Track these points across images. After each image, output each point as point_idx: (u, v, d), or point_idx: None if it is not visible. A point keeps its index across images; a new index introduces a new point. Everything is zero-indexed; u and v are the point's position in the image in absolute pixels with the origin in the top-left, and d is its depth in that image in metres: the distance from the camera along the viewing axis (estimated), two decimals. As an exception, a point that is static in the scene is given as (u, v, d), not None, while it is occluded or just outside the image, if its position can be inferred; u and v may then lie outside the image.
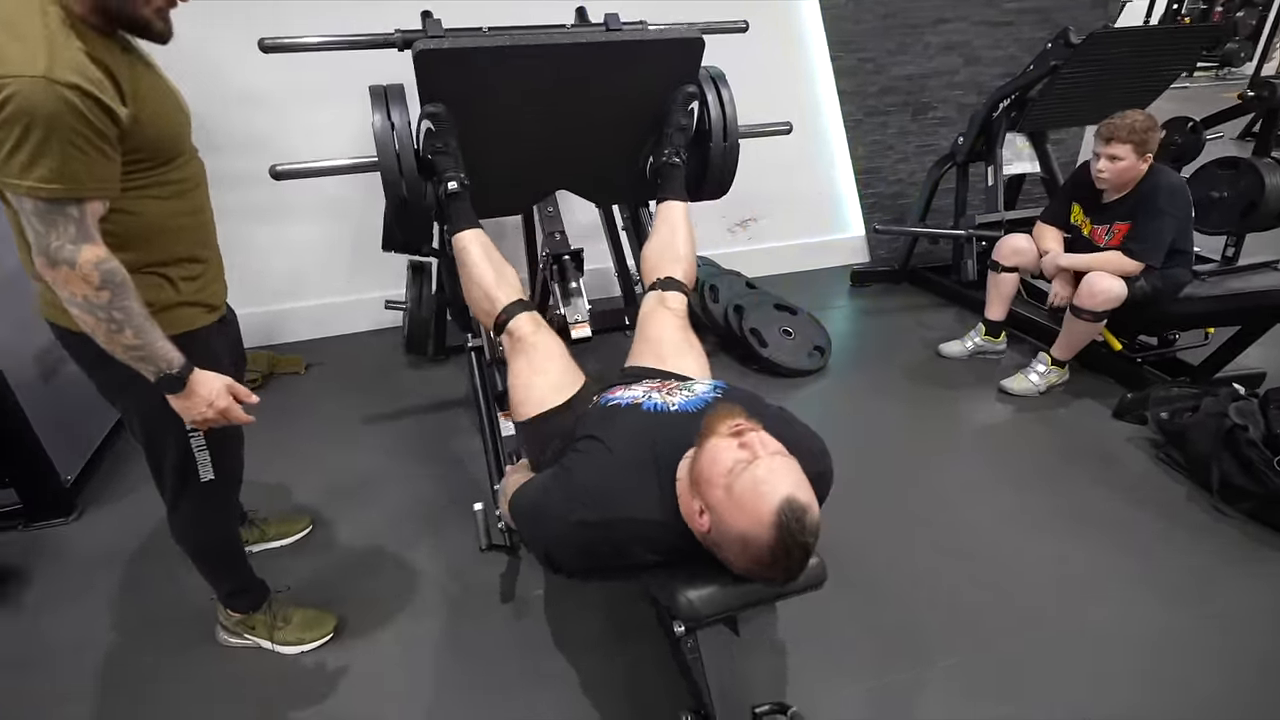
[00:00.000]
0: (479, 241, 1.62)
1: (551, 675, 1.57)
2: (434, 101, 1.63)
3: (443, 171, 1.67)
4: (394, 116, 1.70)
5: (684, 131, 1.84)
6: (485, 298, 1.55)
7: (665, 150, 1.83)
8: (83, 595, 1.79)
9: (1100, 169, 2.31)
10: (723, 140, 1.93)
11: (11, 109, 0.88)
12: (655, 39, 1.69)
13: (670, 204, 1.80)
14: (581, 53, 1.65)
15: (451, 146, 1.67)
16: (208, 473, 1.33)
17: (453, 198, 1.65)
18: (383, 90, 1.76)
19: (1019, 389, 2.56)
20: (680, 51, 1.73)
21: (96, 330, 1.02)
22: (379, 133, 1.69)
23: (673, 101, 1.80)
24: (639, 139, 1.89)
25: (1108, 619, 1.68)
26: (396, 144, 1.69)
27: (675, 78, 1.78)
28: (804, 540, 0.99)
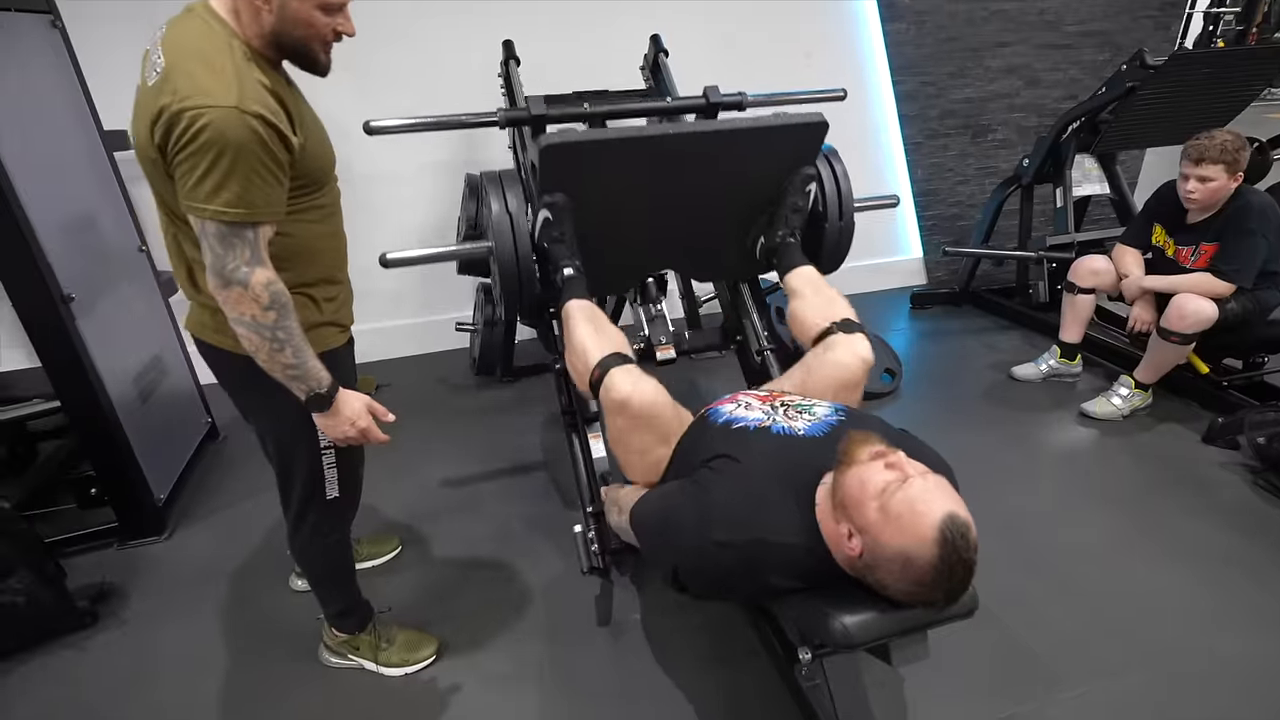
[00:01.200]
0: (584, 310, 1.52)
1: (653, 699, 1.54)
2: (553, 191, 1.58)
3: (558, 260, 1.61)
4: (511, 202, 1.68)
5: (800, 213, 1.76)
6: (582, 359, 1.42)
7: (780, 231, 1.74)
8: (182, 613, 1.80)
9: (1190, 190, 2.28)
10: (838, 220, 1.89)
11: (207, 136, 0.92)
12: (782, 125, 1.62)
13: (800, 270, 1.68)
14: (708, 141, 1.60)
15: (569, 235, 1.62)
16: (334, 490, 1.34)
17: (569, 281, 1.59)
18: (497, 177, 1.74)
19: (1102, 413, 2.51)
20: (803, 136, 1.66)
21: (260, 349, 1.05)
22: (496, 218, 1.67)
23: (790, 183, 1.72)
24: (750, 219, 1.82)
25: (1223, 649, 1.61)
26: (514, 230, 1.66)
27: (795, 159, 1.71)
28: (968, 557, 0.97)
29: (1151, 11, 3.47)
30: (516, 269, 1.68)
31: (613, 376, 1.32)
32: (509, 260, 1.68)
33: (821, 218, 1.87)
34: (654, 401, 1.32)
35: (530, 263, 1.69)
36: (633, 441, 1.36)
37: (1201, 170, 2.23)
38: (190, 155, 0.94)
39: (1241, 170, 2.23)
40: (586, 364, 1.38)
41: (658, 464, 1.37)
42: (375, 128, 1.84)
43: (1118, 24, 3.45)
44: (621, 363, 1.34)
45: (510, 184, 1.72)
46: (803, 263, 1.69)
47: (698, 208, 1.75)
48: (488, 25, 2.70)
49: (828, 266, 1.96)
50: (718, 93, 1.95)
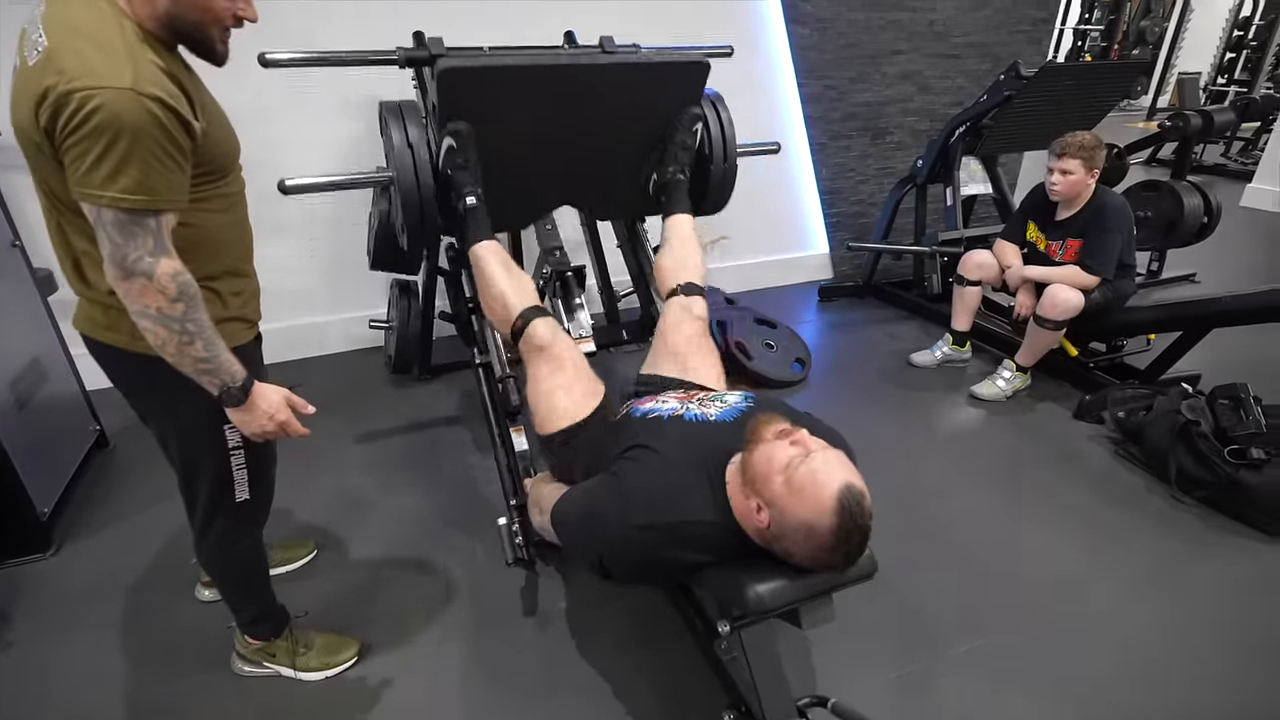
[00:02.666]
0: (496, 252, 1.65)
1: (581, 685, 1.58)
2: (455, 119, 1.65)
3: (461, 187, 1.69)
4: (411, 132, 1.72)
5: (688, 150, 1.92)
6: (502, 305, 1.58)
7: (670, 167, 1.91)
8: (73, 631, 1.69)
9: (1054, 182, 2.53)
10: (723, 160, 2.03)
11: (99, 119, 0.87)
12: (669, 61, 1.78)
13: (679, 217, 1.87)
14: (600, 73, 1.73)
15: (471, 162, 1.70)
16: (244, 492, 1.30)
17: (471, 211, 1.68)
18: (397, 106, 1.77)
19: (987, 394, 2.73)
20: (688, 74, 1.82)
21: (168, 343, 1.01)
22: (397, 147, 1.71)
23: (679, 121, 1.88)
24: (642, 156, 1.96)
25: (1090, 602, 1.81)
26: (415, 158, 1.71)
27: (680, 99, 1.86)
28: (864, 523, 1.06)
29: (1025, 27, 3.79)
30: (419, 196, 1.73)
31: (535, 325, 1.52)
32: (410, 188, 1.72)
33: (708, 160, 2.01)
34: (570, 345, 1.55)
35: (432, 193, 1.74)
36: (550, 382, 1.50)
37: (1063, 164, 2.48)
38: (82, 139, 0.89)
39: (1098, 167, 2.48)
40: (509, 312, 1.56)
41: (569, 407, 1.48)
42: (270, 59, 1.82)
43: (997, 37, 3.74)
44: (541, 314, 1.54)
45: (411, 114, 1.76)
46: (684, 209, 1.88)
47: (594, 142, 1.87)
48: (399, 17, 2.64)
49: (713, 206, 2.14)
50: (613, 43, 2.06)
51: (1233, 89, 8.63)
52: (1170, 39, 9.91)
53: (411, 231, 1.80)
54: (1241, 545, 2.00)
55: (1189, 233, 3.42)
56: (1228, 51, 8.93)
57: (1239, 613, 1.78)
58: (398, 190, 1.76)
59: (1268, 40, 8.46)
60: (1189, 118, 3.57)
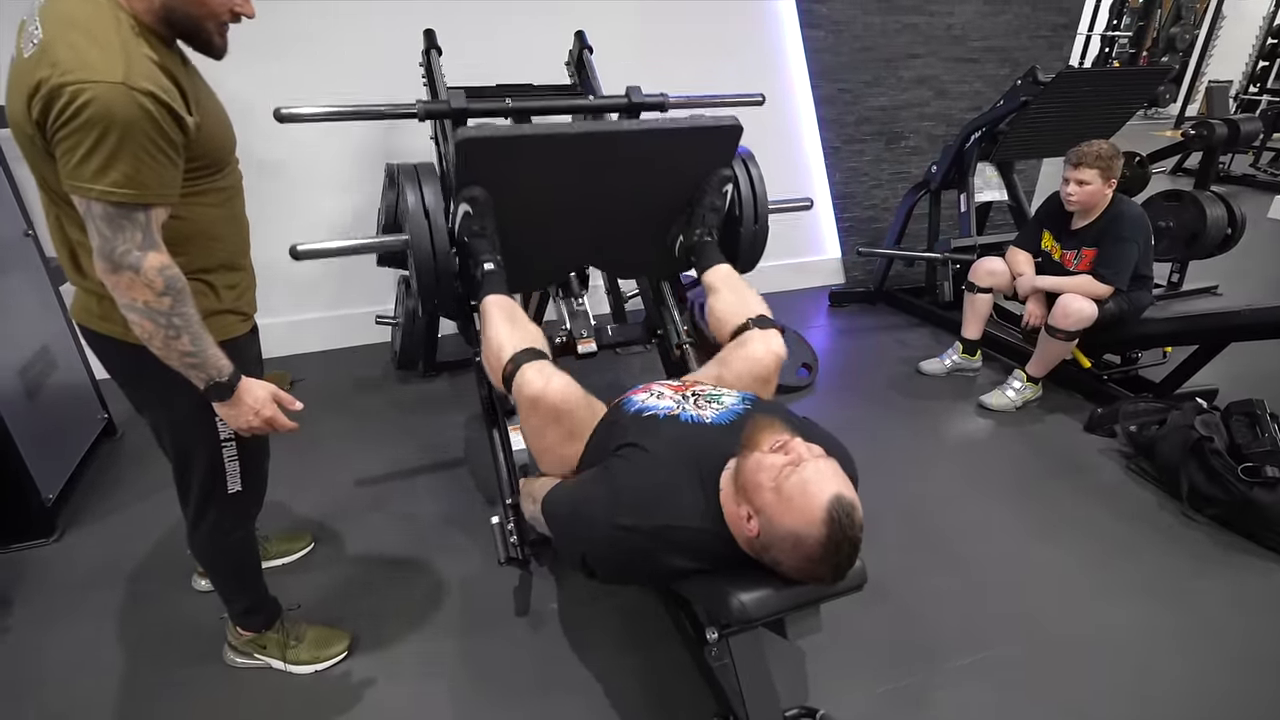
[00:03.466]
0: (503, 305, 1.52)
1: (570, 687, 1.57)
2: (471, 185, 1.58)
3: (478, 254, 1.61)
4: (428, 196, 1.66)
5: (717, 213, 1.81)
6: (495, 353, 1.42)
7: (697, 230, 1.79)
8: (72, 618, 1.71)
9: (1070, 193, 2.48)
10: (754, 221, 1.94)
11: (90, 113, 0.88)
12: (699, 126, 1.67)
13: (718, 267, 1.73)
14: (627, 140, 1.63)
15: (489, 229, 1.62)
16: (236, 484, 1.31)
17: (488, 276, 1.59)
18: (414, 169, 1.71)
19: (997, 405, 2.69)
20: (720, 138, 1.71)
21: (154, 336, 1.01)
22: (412, 213, 1.65)
23: (708, 184, 1.77)
24: (669, 219, 1.86)
25: (1095, 618, 1.77)
26: (431, 224, 1.65)
27: (711, 161, 1.75)
28: (853, 535, 1.04)
29: (1045, 32, 3.73)
30: (434, 264, 1.67)
31: (524, 372, 1.33)
32: (425, 255, 1.66)
33: (738, 220, 1.92)
34: (565, 397, 1.32)
35: (448, 258, 1.68)
36: (546, 437, 1.37)
37: (1079, 174, 2.43)
38: (73, 133, 0.89)
39: (1115, 176, 2.43)
40: (500, 359, 1.38)
41: (571, 458, 1.39)
42: (287, 115, 1.73)
43: (1016, 42, 3.69)
44: (534, 358, 1.35)
45: (427, 177, 1.70)
46: (720, 261, 1.74)
47: (618, 206, 1.77)
48: (410, 12, 2.65)
49: (744, 267, 2.01)
50: (640, 93, 1.97)
51: (1265, 98, 8.45)
52: (1201, 46, 9.72)
53: (425, 296, 1.73)
54: (1252, 565, 1.95)
55: (1212, 244, 3.35)
56: (1260, 59, 8.74)
57: (1247, 632, 1.73)
58: (412, 258, 1.69)
59: (1301, 49, 8.27)
60: (1214, 126, 3.49)
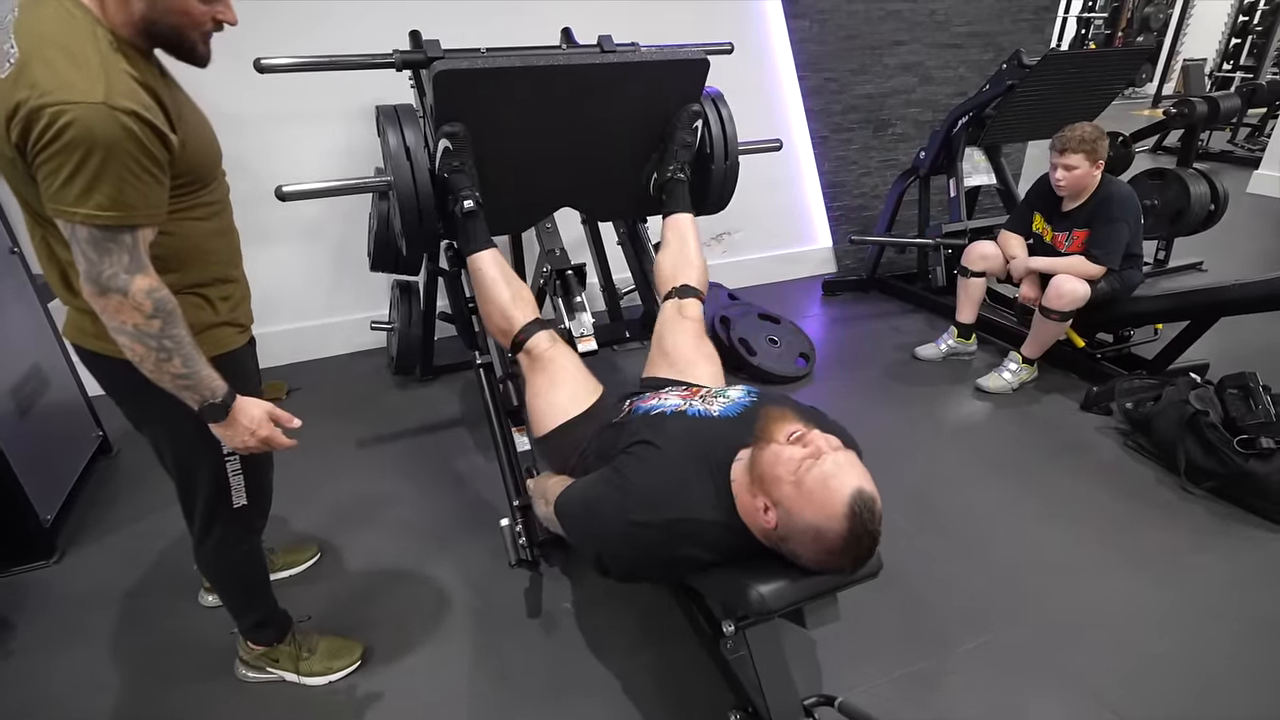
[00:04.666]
0: (495, 261, 1.66)
1: (586, 687, 1.57)
2: (452, 121, 1.63)
3: (458, 190, 1.68)
4: (408, 136, 1.70)
5: (689, 148, 1.90)
6: (503, 317, 1.60)
7: (670, 166, 1.89)
8: (79, 638, 1.69)
9: (1059, 178, 2.49)
10: (724, 159, 2.01)
11: (71, 135, 0.85)
12: (667, 59, 1.75)
13: (678, 216, 1.86)
14: (598, 73, 1.70)
15: (468, 165, 1.68)
16: (241, 498, 1.29)
17: (469, 216, 1.67)
18: (394, 110, 1.76)
19: (994, 387, 2.70)
20: (687, 72, 1.79)
21: (145, 359, 0.99)
22: (394, 152, 1.70)
23: (678, 120, 1.85)
24: (642, 156, 1.94)
25: (1100, 595, 1.79)
26: (413, 162, 1.69)
27: (680, 97, 1.83)
28: (874, 528, 1.04)
29: (1028, 15, 3.74)
30: (416, 201, 1.72)
31: (536, 339, 1.56)
32: (408, 193, 1.71)
33: (709, 158, 1.99)
34: (570, 355, 1.59)
35: (430, 196, 1.73)
36: (553, 394, 1.53)
37: (1065, 159, 2.44)
38: (54, 155, 0.86)
39: (1102, 158, 2.44)
40: (510, 325, 1.59)
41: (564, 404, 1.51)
42: (267, 65, 1.80)
43: (1000, 26, 3.70)
44: (542, 327, 1.58)
45: (407, 118, 1.74)
46: (685, 209, 1.87)
47: (593, 142, 1.84)
48: (394, 15, 2.62)
49: (714, 205, 2.11)
50: (611, 42, 2.04)
51: (1238, 75, 8.54)
52: (1175, 25, 9.82)
53: (410, 237, 1.79)
54: (1251, 535, 1.97)
55: (1195, 221, 3.39)
56: (1233, 37, 8.83)
57: (1247, 604, 1.76)
58: (395, 195, 1.75)
59: (1273, 25, 8.36)
60: (1194, 104, 3.53)
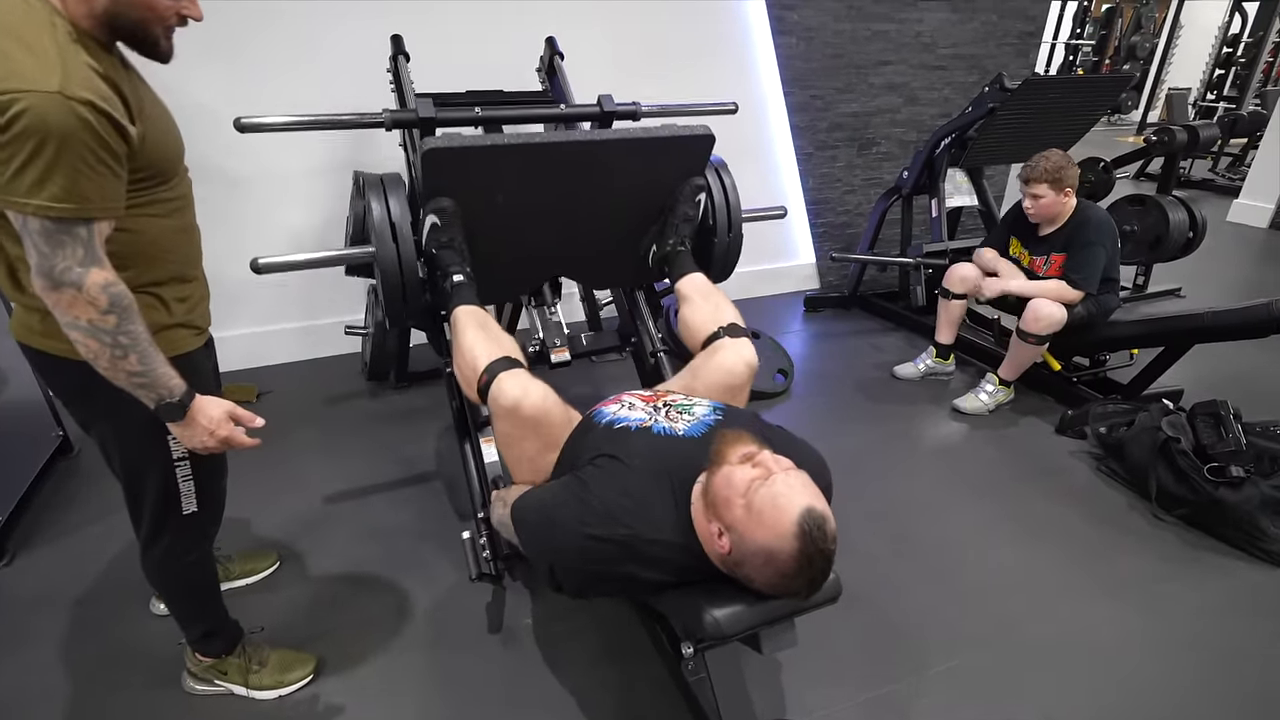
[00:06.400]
0: (474, 315, 1.49)
1: (545, 704, 1.53)
2: (439, 196, 1.54)
3: (447, 266, 1.58)
4: (393, 207, 1.62)
5: (690, 222, 1.80)
6: (470, 364, 1.39)
7: (670, 240, 1.77)
8: (23, 644, 1.63)
9: (1027, 206, 2.53)
10: (728, 231, 1.93)
11: (23, 124, 0.83)
12: (671, 136, 1.64)
13: (690, 277, 1.72)
14: (597, 150, 1.61)
15: (457, 242, 1.59)
16: (191, 505, 1.25)
17: (457, 288, 1.56)
18: (379, 180, 1.67)
19: (970, 408, 2.71)
20: (693, 147, 1.69)
21: (100, 356, 0.97)
22: (378, 226, 1.61)
23: (680, 193, 1.75)
24: (641, 229, 1.84)
25: (1070, 620, 1.78)
26: (397, 236, 1.61)
27: (684, 170, 1.74)
28: (825, 548, 1.02)
29: (1013, 40, 3.79)
30: (400, 278, 1.63)
31: (500, 381, 1.30)
32: (392, 268, 1.62)
33: (711, 230, 1.91)
34: (542, 407, 1.30)
35: (415, 269, 1.64)
36: (522, 447, 1.34)
37: (1032, 189, 2.48)
38: (6, 145, 0.85)
39: (1070, 186, 2.47)
40: (475, 369, 1.35)
41: (545, 469, 1.36)
42: (248, 124, 1.66)
43: (984, 49, 3.74)
44: (509, 367, 1.32)
45: (393, 188, 1.65)
46: (693, 270, 1.73)
47: (590, 216, 1.75)
48: (376, 17, 2.61)
49: (717, 276, 2.00)
50: (611, 101, 1.95)
51: (1221, 105, 8.70)
52: (1161, 55, 9.99)
53: (392, 310, 1.68)
54: (1220, 564, 1.97)
55: (1174, 247, 3.42)
56: (1217, 67, 9.00)
57: (1217, 630, 1.75)
58: (378, 269, 1.64)
59: (1256, 57, 8.53)
60: (1174, 133, 3.58)
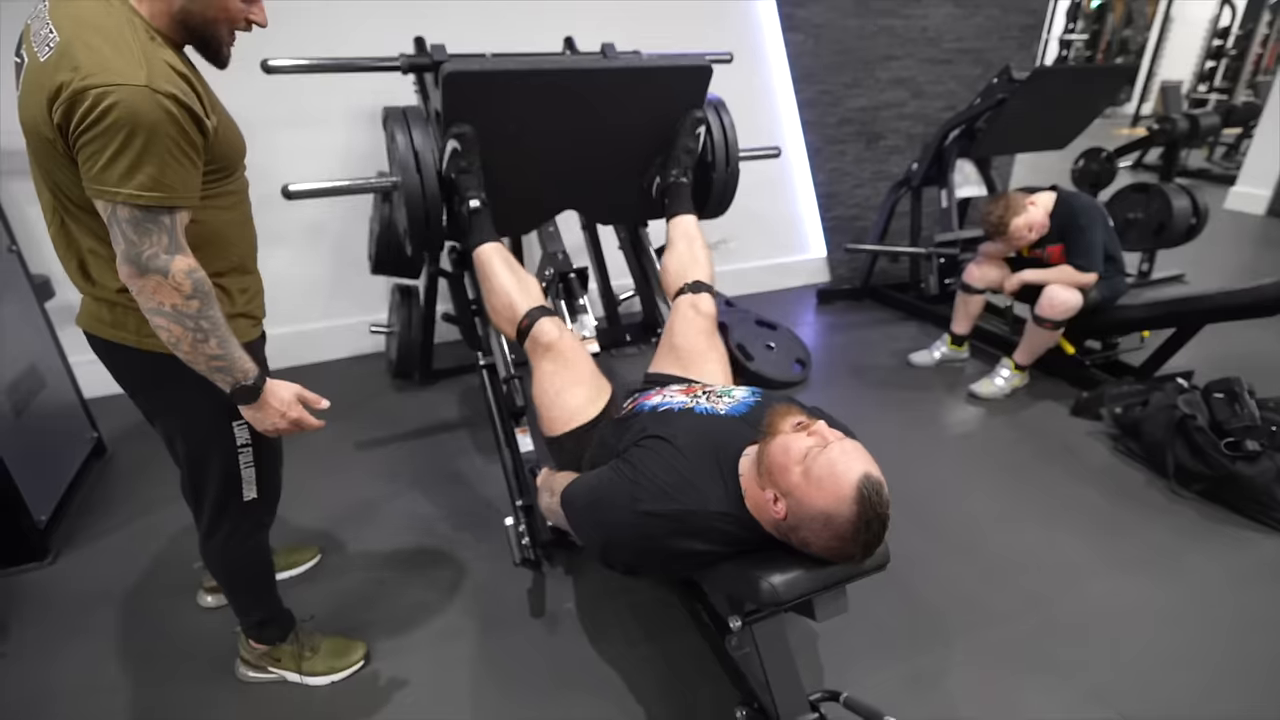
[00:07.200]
0: (500, 253, 1.67)
1: (590, 684, 1.57)
2: (460, 123, 1.66)
3: (465, 190, 1.71)
4: (416, 137, 1.72)
5: (691, 154, 1.94)
6: (508, 306, 1.59)
7: (673, 170, 1.92)
8: (74, 640, 1.66)
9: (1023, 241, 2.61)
10: (725, 165, 2.05)
11: (115, 116, 0.87)
12: (672, 65, 1.79)
13: (683, 217, 1.89)
14: (603, 78, 1.74)
15: (475, 166, 1.71)
16: (251, 491, 1.29)
17: (475, 214, 1.70)
18: (402, 112, 1.78)
19: (987, 393, 2.75)
20: (691, 78, 1.83)
21: (182, 340, 1.00)
22: (402, 152, 1.72)
23: (681, 125, 1.89)
24: (645, 161, 1.97)
25: (1095, 594, 1.82)
26: (420, 163, 1.71)
27: (683, 103, 1.87)
28: (883, 512, 1.06)
29: (1015, 33, 3.84)
30: (423, 202, 1.74)
31: (542, 324, 1.53)
32: (415, 193, 1.73)
33: (710, 165, 2.04)
34: (574, 342, 1.56)
35: (437, 197, 1.75)
36: (557, 380, 1.51)
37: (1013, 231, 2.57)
38: (98, 136, 0.88)
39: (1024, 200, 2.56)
40: (515, 312, 1.57)
41: (576, 408, 1.50)
42: (274, 65, 1.83)
43: (988, 43, 3.79)
44: (546, 314, 1.55)
45: (415, 119, 1.77)
46: (689, 210, 1.90)
47: (597, 146, 1.87)
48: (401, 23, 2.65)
49: (715, 210, 2.17)
50: (614, 49, 2.10)
51: (1213, 96, 8.77)
52: (1153, 48, 10.08)
53: (415, 236, 1.80)
54: (1239, 535, 2.02)
55: (1178, 234, 3.47)
56: (1208, 60, 9.07)
57: (1241, 600, 1.79)
58: (401, 195, 1.77)
59: (1246, 49, 8.61)
60: (1176, 121, 3.63)
